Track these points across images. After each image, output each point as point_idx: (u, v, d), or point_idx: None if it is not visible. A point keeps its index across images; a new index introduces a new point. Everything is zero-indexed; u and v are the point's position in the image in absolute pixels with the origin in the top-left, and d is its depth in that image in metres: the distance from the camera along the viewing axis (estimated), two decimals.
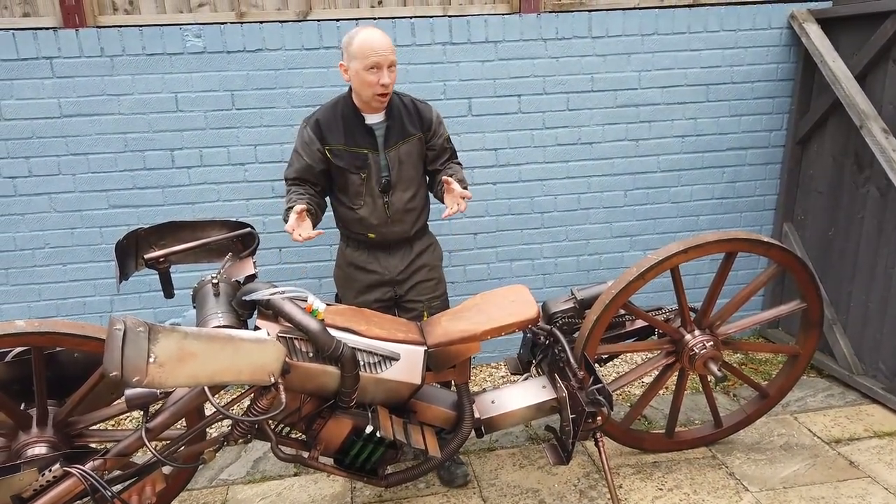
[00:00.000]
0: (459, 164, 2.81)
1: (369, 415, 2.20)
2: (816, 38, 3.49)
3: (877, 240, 3.31)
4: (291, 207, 2.44)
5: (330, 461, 2.31)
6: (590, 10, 3.55)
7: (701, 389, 2.99)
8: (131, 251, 2.32)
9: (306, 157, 2.60)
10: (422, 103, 2.69)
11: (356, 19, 3.37)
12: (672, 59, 3.66)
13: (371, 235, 2.68)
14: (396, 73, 2.53)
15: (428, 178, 2.80)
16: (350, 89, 2.59)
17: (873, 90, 3.26)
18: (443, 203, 2.60)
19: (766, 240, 2.61)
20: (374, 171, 2.60)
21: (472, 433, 2.44)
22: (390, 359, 2.20)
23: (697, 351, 2.65)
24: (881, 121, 3.16)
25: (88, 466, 1.94)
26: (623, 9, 3.57)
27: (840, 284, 3.58)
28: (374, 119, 2.58)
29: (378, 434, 2.13)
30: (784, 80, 3.78)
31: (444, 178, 2.56)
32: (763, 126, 3.85)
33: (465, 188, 2.57)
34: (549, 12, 3.52)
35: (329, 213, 2.74)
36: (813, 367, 3.68)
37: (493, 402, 2.54)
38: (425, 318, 2.64)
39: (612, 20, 3.55)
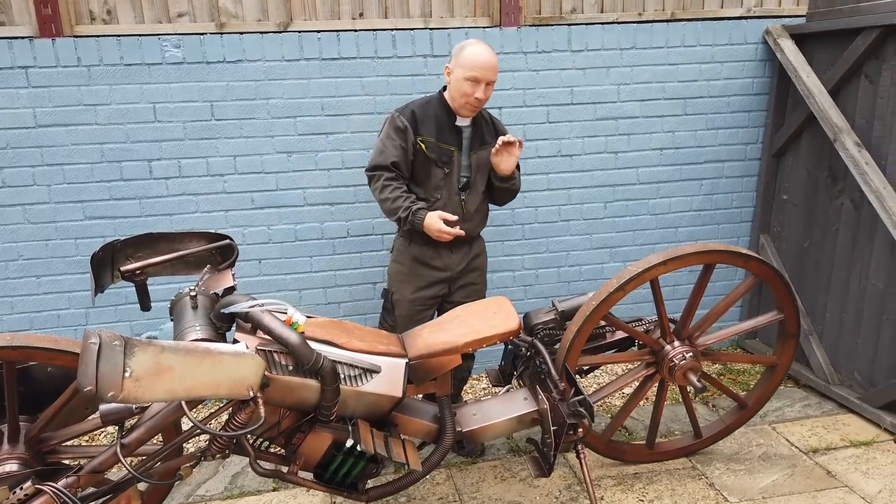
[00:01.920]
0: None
1: (350, 428, 2.17)
2: (791, 53, 3.56)
3: (851, 251, 3.37)
4: (413, 206, 2.66)
5: (310, 476, 2.28)
6: (569, 24, 3.58)
7: (681, 400, 3.01)
8: (107, 263, 2.28)
9: (402, 143, 2.72)
10: (498, 120, 2.97)
11: (337, 31, 3.38)
12: (650, 72, 3.71)
13: None
14: (492, 92, 2.75)
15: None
16: (443, 89, 2.81)
17: (846, 104, 3.33)
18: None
19: (743, 252, 2.64)
20: (457, 169, 2.79)
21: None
22: (371, 371, 2.18)
23: (677, 362, 2.67)
24: (854, 134, 3.22)
25: (61, 484, 1.90)
26: (602, 23, 3.61)
27: (816, 295, 3.63)
28: (463, 122, 2.80)
29: (358, 448, 2.10)
30: (760, 95, 3.84)
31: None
32: (739, 139, 3.91)
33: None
34: (530, 26, 3.55)
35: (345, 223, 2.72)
36: (790, 377, 3.73)
37: (474, 414, 2.53)
38: None
39: (592, 34, 3.59)
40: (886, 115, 3.10)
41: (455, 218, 2.66)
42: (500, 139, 2.70)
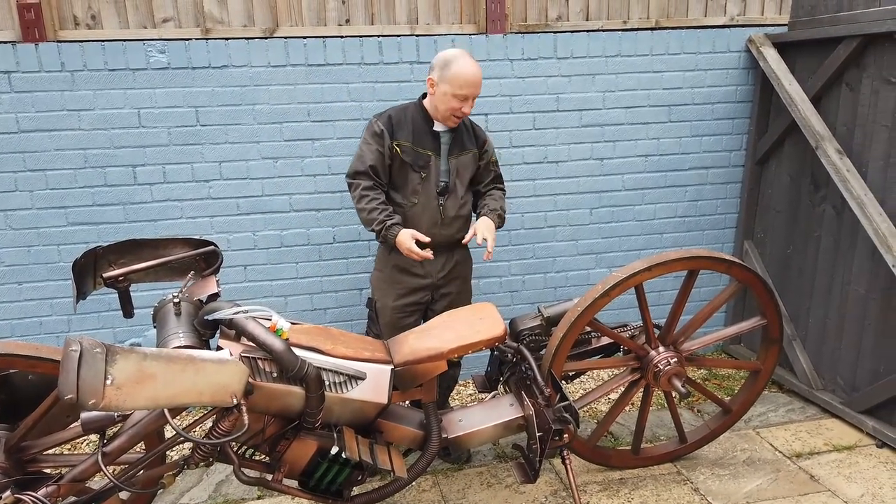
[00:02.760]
0: (503, 190, 3.04)
1: (335, 435, 2.16)
2: (773, 61, 3.60)
3: (833, 257, 3.40)
4: (387, 221, 2.66)
5: (294, 483, 2.26)
6: (555, 32, 3.60)
7: (666, 405, 3.02)
8: (89, 269, 2.26)
9: (378, 147, 2.72)
10: (477, 125, 2.95)
11: (323, 37, 3.38)
12: (635, 80, 3.73)
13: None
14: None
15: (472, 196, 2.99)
16: (423, 96, 2.82)
17: (828, 112, 3.37)
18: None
19: (727, 258, 2.66)
20: (434, 174, 2.78)
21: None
22: (356, 378, 2.18)
23: (662, 367, 2.68)
24: (835, 141, 3.26)
25: (41, 493, 1.87)
26: (587, 31, 3.64)
27: (799, 301, 3.67)
28: (441, 127, 2.79)
29: (343, 455, 2.09)
30: (743, 102, 3.88)
31: (482, 211, 2.86)
32: (723, 146, 3.94)
33: (501, 216, 2.88)
34: (516, 33, 3.57)
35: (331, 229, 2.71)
36: (774, 382, 3.75)
37: (460, 420, 2.53)
38: None
39: (577, 42, 3.62)
40: (867, 123, 3.14)
41: (427, 239, 2.65)
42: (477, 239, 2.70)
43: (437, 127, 2.78)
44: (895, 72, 2.99)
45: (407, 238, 2.62)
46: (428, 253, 2.63)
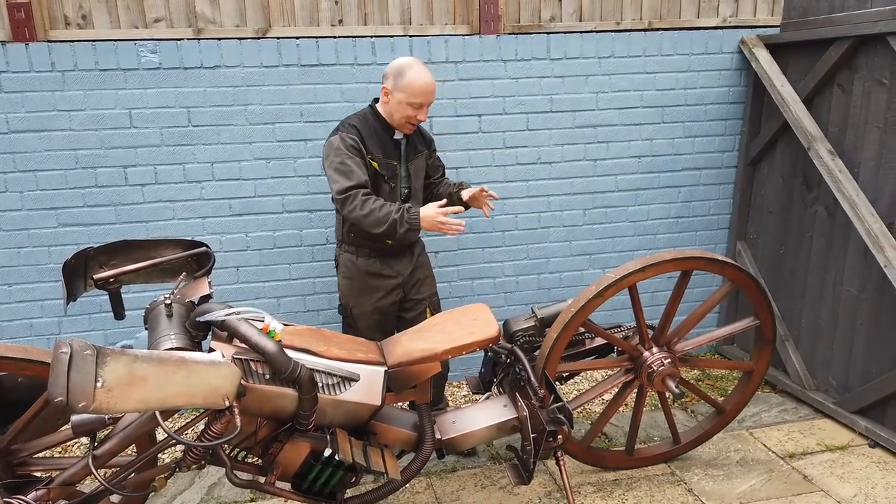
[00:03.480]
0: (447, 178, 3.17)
1: (328, 437, 2.15)
2: (766, 62, 3.61)
3: (825, 257, 3.41)
4: (403, 206, 2.65)
5: (287, 486, 2.25)
6: (548, 33, 3.61)
7: (659, 406, 3.02)
8: (80, 271, 2.24)
9: (360, 160, 2.70)
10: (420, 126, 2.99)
11: (316, 37, 3.37)
12: (628, 81, 3.74)
13: (389, 242, 2.81)
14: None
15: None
16: (375, 102, 2.84)
17: (819, 113, 3.39)
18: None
19: (720, 258, 2.66)
20: (399, 182, 2.85)
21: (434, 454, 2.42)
22: (349, 380, 2.17)
23: (655, 368, 2.68)
24: (827, 142, 3.28)
25: (31, 497, 1.86)
26: (580, 32, 3.64)
27: (791, 301, 3.68)
28: (398, 134, 2.84)
29: (337, 457, 2.08)
30: (735, 103, 3.90)
31: (460, 191, 2.95)
32: (716, 147, 3.95)
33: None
34: (509, 34, 3.57)
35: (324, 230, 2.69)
36: (767, 382, 3.76)
37: (454, 422, 2.52)
38: (429, 315, 2.87)
39: (570, 43, 3.62)
40: (859, 124, 3.16)
41: (456, 209, 2.65)
42: (485, 192, 2.84)
43: (398, 135, 2.84)
44: (886, 73, 3.00)
45: (432, 211, 2.60)
46: (461, 224, 2.60)
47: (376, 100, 2.84)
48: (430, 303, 3.05)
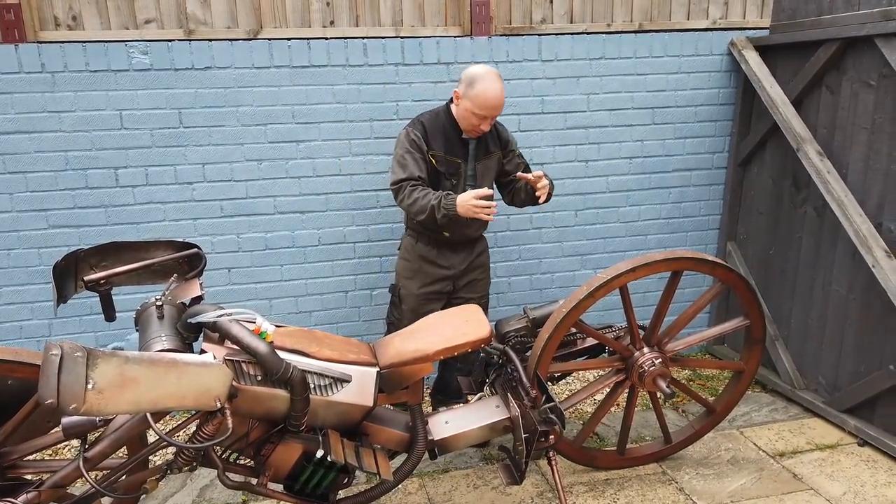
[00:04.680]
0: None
1: (320, 439, 2.15)
2: (755, 64, 3.64)
3: (814, 258, 3.44)
4: (442, 193, 2.72)
5: (279, 487, 2.25)
6: (539, 34, 3.62)
7: (651, 406, 3.04)
8: (70, 273, 2.23)
9: (420, 155, 2.82)
10: (500, 125, 3.04)
11: (307, 38, 3.36)
12: (619, 82, 3.76)
13: (446, 234, 2.93)
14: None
15: (500, 187, 3.17)
16: (450, 101, 2.91)
17: (808, 114, 3.41)
18: (516, 206, 3.15)
19: (710, 259, 2.68)
20: (462, 179, 2.92)
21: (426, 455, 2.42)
22: (342, 381, 2.17)
23: (646, 368, 2.69)
24: (816, 143, 3.30)
25: (21, 499, 1.85)
26: (572, 34, 3.66)
27: (781, 301, 3.70)
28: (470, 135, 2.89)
29: (329, 458, 2.08)
30: (725, 105, 3.92)
31: (519, 175, 2.89)
32: (706, 148, 3.97)
33: (552, 187, 2.93)
34: (500, 35, 3.58)
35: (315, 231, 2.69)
36: (757, 382, 3.79)
37: (446, 422, 2.52)
38: None
39: (561, 44, 3.63)
40: (847, 125, 3.18)
41: (490, 192, 2.67)
42: (528, 180, 2.82)
43: (465, 134, 2.88)
44: (874, 75, 3.03)
45: (468, 197, 2.65)
46: (492, 206, 2.64)
47: (451, 100, 2.90)
48: (481, 304, 3.11)
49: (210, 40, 3.29)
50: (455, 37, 3.53)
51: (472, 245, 3.09)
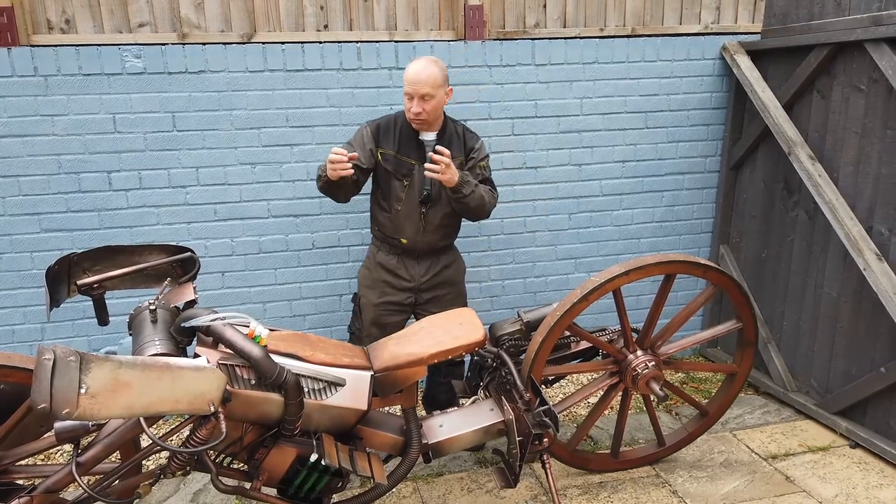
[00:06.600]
0: (493, 192, 2.93)
1: (314, 442, 2.15)
2: (747, 68, 3.66)
3: (806, 261, 3.46)
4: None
5: (273, 491, 2.25)
6: (533, 39, 3.63)
7: (644, 409, 3.05)
8: (63, 277, 2.23)
9: (357, 149, 2.74)
10: (470, 132, 2.94)
11: (301, 42, 3.37)
12: (612, 86, 3.77)
13: (403, 241, 2.87)
14: (435, 104, 2.70)
15: None
16: None
17: (800, 118, 3.44)
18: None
19: (703, 262, 2.69)
20: (417, 182, 2.81)
21: (420, 458, 2.42)
22: (336, 384, 2.17)
23: (640, 371, 2.70)
24: (807, 147, 3.32)
25: None
26: (565, 38, 3.67)
27: (773, 304, 3.72)
28: (427, 136, 2.79)
29: (323, 462, 2.08)
30: (718, 109, 3.94)
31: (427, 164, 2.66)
32: (699, 152, 3.99)
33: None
34: (494, 40, 3.59)
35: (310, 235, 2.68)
36: (750, 384, 3.80)
37: (440, 426, 2.52)
38: None
39: (555, 48, 3.65)
40: (838, 129, 3.21)
41: (341, 151, 2.57)
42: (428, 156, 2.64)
43: (424, 136, 2.79)
44: (864, 79, 3.05)
45: (329, 156, 2.57)
46: (341, 159, 2.53)
47: None
48: None
49: (204, 44, 3.29)
50: (449, 41, 3.54)
51: (437, 256, 2.96)
